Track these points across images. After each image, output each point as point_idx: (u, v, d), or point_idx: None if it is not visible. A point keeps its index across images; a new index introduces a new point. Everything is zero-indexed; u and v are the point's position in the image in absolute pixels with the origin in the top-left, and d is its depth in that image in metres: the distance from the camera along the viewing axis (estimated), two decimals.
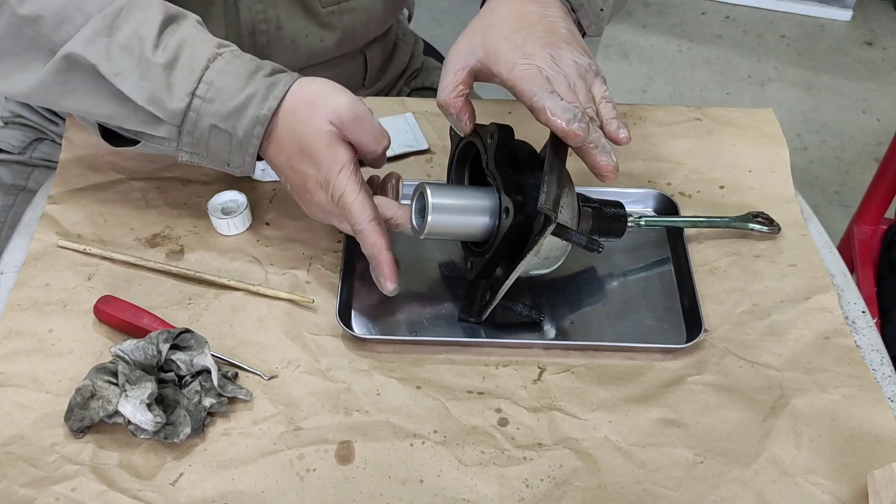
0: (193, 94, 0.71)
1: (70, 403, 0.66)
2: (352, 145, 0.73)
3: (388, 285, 0.74)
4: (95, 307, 0.74)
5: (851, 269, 1.20)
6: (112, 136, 0.78)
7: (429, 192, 0.71)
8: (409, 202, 0.74)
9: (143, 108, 0.71)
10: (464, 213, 0.71)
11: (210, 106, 0.71)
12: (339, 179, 0.71)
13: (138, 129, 0.73)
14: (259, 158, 0.74)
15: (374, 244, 0.72)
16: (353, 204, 0.71)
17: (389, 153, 0.90)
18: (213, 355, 0.69)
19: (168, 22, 0.73)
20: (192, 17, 0.75)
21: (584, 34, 0.80)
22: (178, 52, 0.71)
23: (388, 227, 0.75)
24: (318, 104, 0.71)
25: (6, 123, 1.04)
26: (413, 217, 0.73)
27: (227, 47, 0.73)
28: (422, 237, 0.72)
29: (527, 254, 0.69)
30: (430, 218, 0.70)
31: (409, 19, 1.23)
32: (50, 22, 0.71)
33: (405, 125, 0.94)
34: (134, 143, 0.76)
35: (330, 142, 0.71)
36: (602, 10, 0.80)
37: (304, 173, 0.73)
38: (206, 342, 0.69)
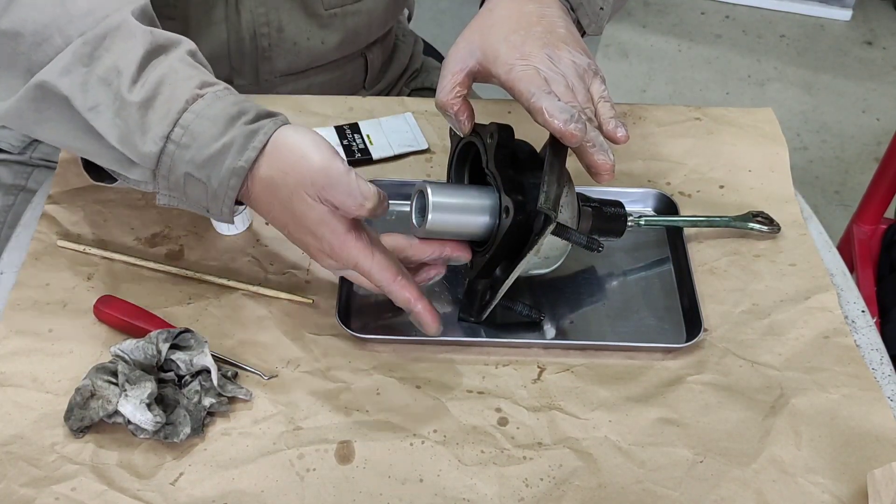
0: (168, 137, 0.65)
1: (70, 403, 0.66)
2: None
3: (432, 330, 0.71)
4: (95, 307, 0.74)
5: (851, 269, 1.20)
6: (95, 168, 0.74)
7: (429, 190, 0.70)
8: (409, 205, 0.74)
9: (116, 148, 0.67)
10: (464, 212, 0.71)
11: (184, 153, 0.66)
12: (346, 251, 0.68)
13: (112, 167, 0.70)
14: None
15: (408, 300, 0.70)
16: (371, 270, 0.68)
17: (388, 153, 0.90)
18: (213, 354, 0.69)
19: (153, 54, 0.67)
20: (184, 48, 0.69)
21: (583, 33, 0.80)
22: (156, 90, 0.66)
23: (406, 263, 0.72)
24: (290, 173, 0.66)
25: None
26: (413, 216, 0.73)
27: (211, 87, 0.68)
28: (421, 236, 0.72)
29: (527, 253, 0.69)
30: (430, 217, 0.70)
31: (409, 19, 1.23)
32: (28, 40, 0.67)
33: (405, 125, 0.94)
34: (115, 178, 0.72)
35: (321, 217, 0.67)
36: (602, 8, 0.80)
37: (305, 242, 0.70)
38: (206, 342, 0.69)
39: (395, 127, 0.93)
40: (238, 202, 0.69)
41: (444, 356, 0.74)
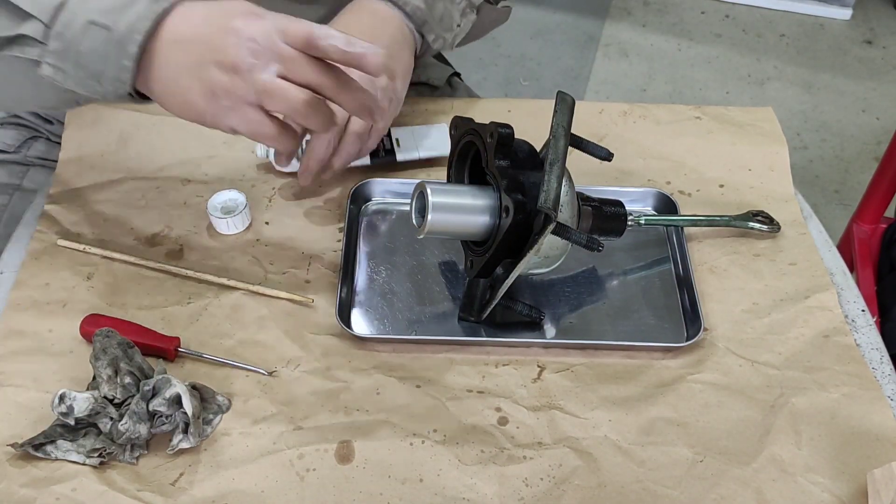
0: None
1: (33, 437, 0.66)
2: None
3: (374, 59, 0.63)
4: (81, 327, 0.73)
5: (851, 268, 1.20)
6: None
7: (429, 190, 0.71)
8: (409, 205, 0.74)
9: (9, 2, 0.62)
10: (463, 212, 0.71)
11: (97, 1, 0.62)
12: (299, 21, 0.63)
13: None
14: (142, 96, 0.65)
15: (367, 46, 0.63)
16: (322, 30, 0.63)
17: (412, 156, 0.89)
18: (209, 357, 0.68)
19: None
20: None
21: (425, 52, 0.84)
22: None
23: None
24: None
25: (1, 123, 1.04)
26: (413, 216, 0.73)
27: None
28: (421, 236, 0.72)
29: (527, 253, 0.69)
30: (429, 217, 0.70)
31: None
32: None
33: (436, 132, 0.91)
34: None
35: (251, 8, 0.63)
36: (459, 25, 0.84)
37: (230, 24, 0.63)
38: (164, 371, 0.67)
39: (429, 133, 0.91)
40: (138, 93, 0.64)
41: (444, 356, 0.74)
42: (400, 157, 0.89)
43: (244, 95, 0.64)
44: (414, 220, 0.73)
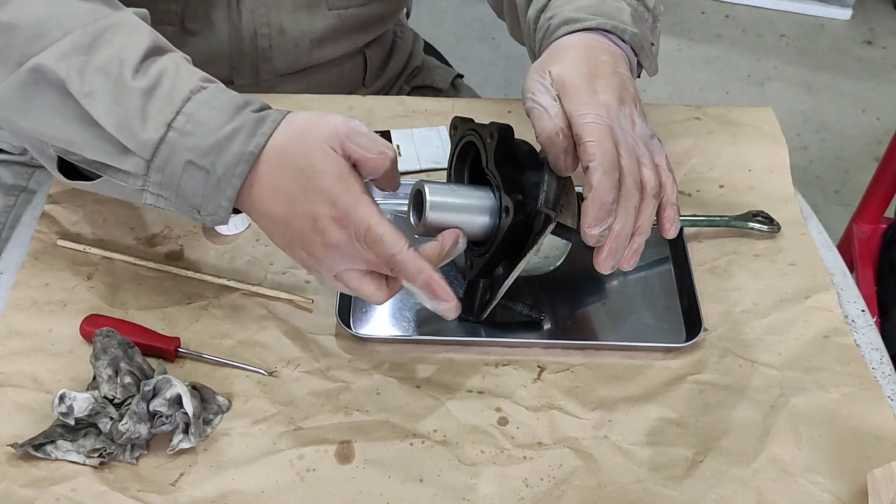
0: (170, 125, 0.63)
1: (33, 438, 0.66)
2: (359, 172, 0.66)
3: (449, 306, 0.65)
4: (81, 327, 0.73)
5: (851, 268, 1.20)
6: (69, 169, 0.70)
7: (426, 189, 0.70)
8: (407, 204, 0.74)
9: (111, 136, 0.64)
10: (462, 212, 0.71)
11: (187, 140, 0.63)
12: (361, 211, 0.62)
13: (101, 159, 0.65)
14: (236, 212, 0.67)
15: (422, 269, 0.63)
16: (384, 235, 0.62)
17: (414, 166, 0.89)
18: (209, 357, 0.68)
19: (155, 51, 0.66)
20: (180, 53, 0.68)
21: (638, 76, 0.78)
22: (158, 81, 0.64)
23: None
24: (309, 132, 0.64)
25: None
26: (410, 215, 0.73)
27: (212, 82, 0.67)
28: (418, 235, 0.72)
29: (527, 253, 0.69)
30: (427, 215, 0.70)
31: (408, 16, 1.23)
32: (24, 33, 0.64)
33: (437, 139, 0.91)
34: (91, 178, 0.68)
35: (340, 172, 0.63)
36: (653, 44, 0.79)
37: (314, 214, 0.63)
38: (167, 376, 0.66)
39: (426, 140, 0.91)
40: (234, 210, 0.67)
41: (444, 356, 0.74)
42: (401, 167, 0.89)
43: (329, 274, 0.66)
44: (411, 219, 0.73)
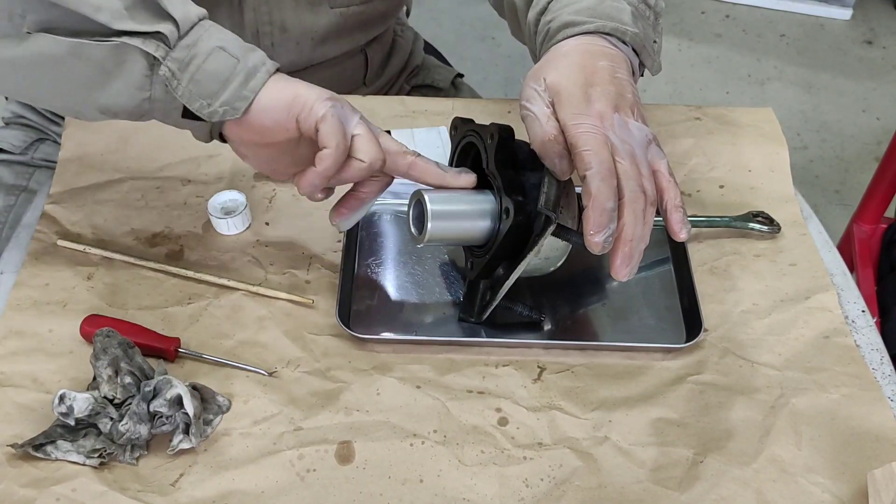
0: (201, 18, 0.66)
1: (32, 438, 0.66)
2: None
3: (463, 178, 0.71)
4: (81, 328, 0.73)
5: (851, 269, 1.20)
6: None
7: (427, 199, 0.70)
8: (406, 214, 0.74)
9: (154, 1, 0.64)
10: (463, 218, 0.71)
11: (223, 33, 0.66)
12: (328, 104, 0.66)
13: (125, 27, 0.64)
14: (223, 140, 0.70)
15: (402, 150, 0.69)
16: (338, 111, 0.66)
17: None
18: (209, 357, 0.68)
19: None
20: None
21: (641, 75, 0.77)
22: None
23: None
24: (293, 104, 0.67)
25: (7, 124, 1.04)
26: (411, 225, 0.73)
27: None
28: (421, 245, 0.72)
29: (527, 254, 0.69)
30: (429, 226, 0.70)
31: (407, 14, 1.23)
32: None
33: (437, 139, 0.91)
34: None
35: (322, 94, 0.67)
36: (655, 42, 0.78)
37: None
38: (168, 376, 0.66)
39: (426, 140, 0.91)
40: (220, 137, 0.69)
41: (444, 356, 0.74)
42: None
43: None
44: (412, 229, 0.73)
